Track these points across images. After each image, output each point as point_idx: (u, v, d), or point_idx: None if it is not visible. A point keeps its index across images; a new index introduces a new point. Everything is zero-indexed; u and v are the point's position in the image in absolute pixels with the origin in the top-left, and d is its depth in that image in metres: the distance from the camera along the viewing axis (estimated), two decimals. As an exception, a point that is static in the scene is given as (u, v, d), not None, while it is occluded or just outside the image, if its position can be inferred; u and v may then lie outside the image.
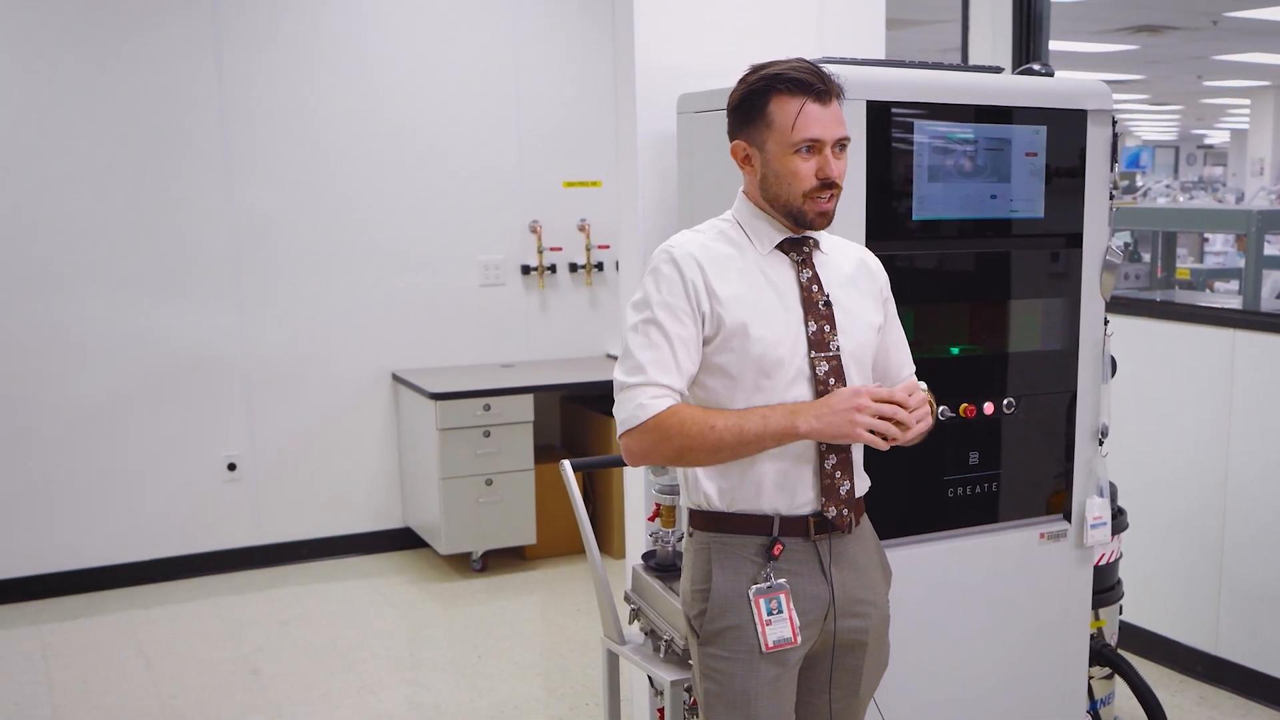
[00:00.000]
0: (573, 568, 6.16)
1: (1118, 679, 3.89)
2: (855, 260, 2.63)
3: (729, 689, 2.48)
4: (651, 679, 3.27)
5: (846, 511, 2.51)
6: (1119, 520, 3.75)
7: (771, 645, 2.45)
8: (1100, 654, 3.74)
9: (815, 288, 2.49)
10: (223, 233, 6.00)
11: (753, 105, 2.45)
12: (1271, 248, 10.03)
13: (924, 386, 2.55)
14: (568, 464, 3.40)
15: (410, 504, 6.46)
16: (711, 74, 3.47)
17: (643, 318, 2.45)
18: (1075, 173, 3.30)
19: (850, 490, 2.52)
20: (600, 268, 6.81)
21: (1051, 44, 5.50)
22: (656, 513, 3.33)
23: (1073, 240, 3.33)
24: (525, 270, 6.67)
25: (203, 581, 6.03)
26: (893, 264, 2.76)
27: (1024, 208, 3.22)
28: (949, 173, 3.10)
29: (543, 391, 6.25)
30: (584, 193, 6.72)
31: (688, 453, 2.40)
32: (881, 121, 2.99)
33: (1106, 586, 3.80)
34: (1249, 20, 11.29)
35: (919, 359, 2.77)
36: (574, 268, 6.77)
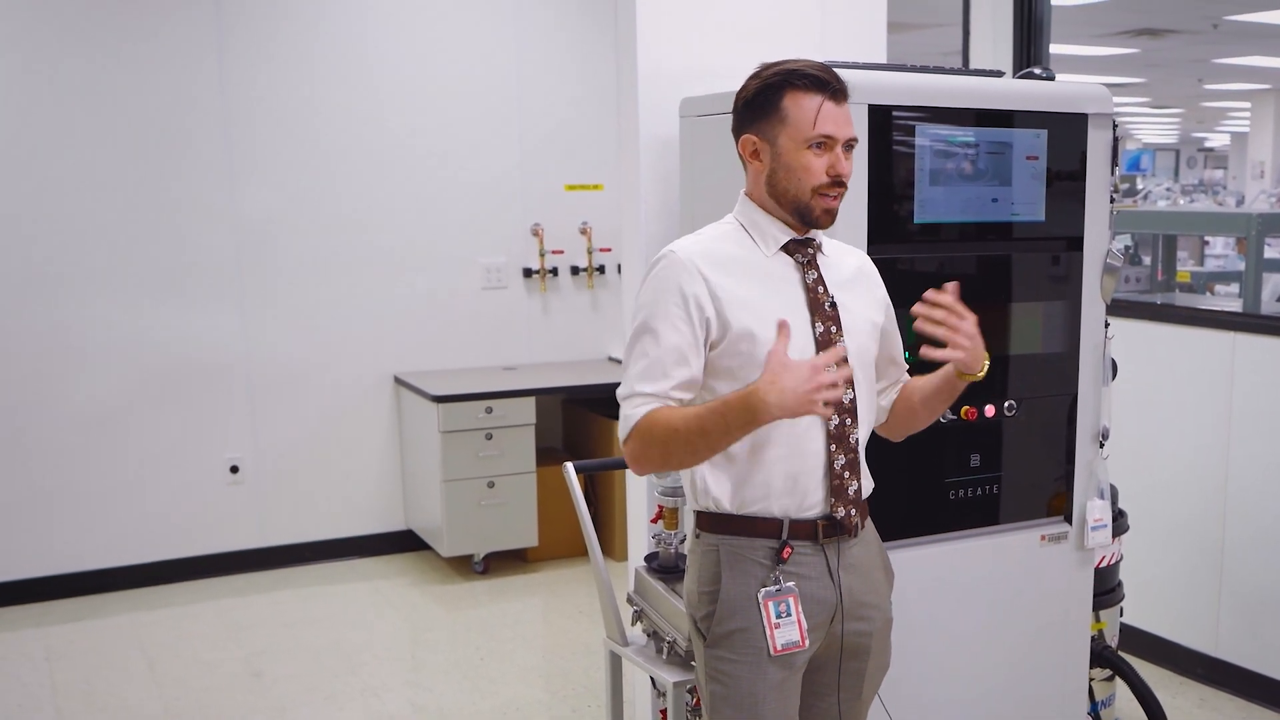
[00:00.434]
0: (574, 570, 6.17)
1: (1118, 681, 3.89)
2: (853, 262, 2.65)
3: (736, 691, 2.49)
4: (654, 680, 3.28)
5: (854, 512, 2.52)
6: (1120, 522, 3.75)
7: (780, 648, 2.45)
8: (1101, 656, 3.75)
9: (821, 289, 2.50)
10: (224, 235, 6.01)
11: (767, 100, 2.45)
12: (1272, 251, 10.04)
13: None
14: (571, 466, 3.41)
15: (412, 506, 6.47)
16: (714, 77, 3.49)
17: (639, 327, 2.46)
18: (1076, 176, 3.30)
19: (858, 491, 2.53)
20: (602, 271, 6.82)
21: (1052, 47, 5.51)
22: (659, 515, 3.33)
23: (1073, 243, 3.34)
24: (527, 273, 6.68)
25: (205, 584, 6.03)
26: (894, 267, 2.77)
27: (1025, 211, 3.23)
28: (950, 176, 3.10)
29: (544, 394, 6.26)
30: (585, 196, 6.73)
31: (670, 456, 2.42)
32: (883, 125, 2.99)
33: (1107, 588, 3.80)
34: (1249, 24, 11.29)
35: (920, 361, 2.78)
36: (575, 271, 6.78)
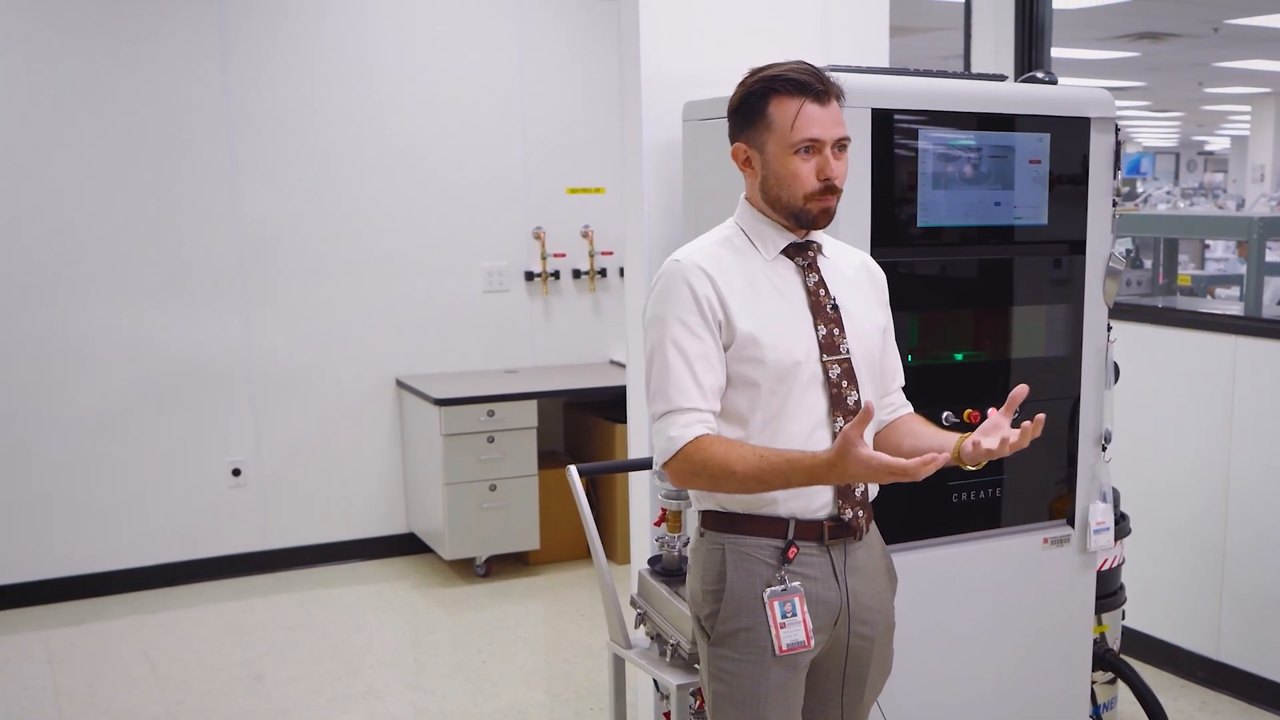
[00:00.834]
0: (576, 573, 6.18)
1: (1120, 684, 3.90)
2: (857, 264, 2.65)
3: (738, 691, 2.49)
4: (657, 683, 3.28)
5: (861, 514, 2.52)
6: (1122, 525, 3.76)
7: (785, 648, 2.45)
8: (1103, 659, 3.75)
9: (822, 291, 2.50)
10: (227, 239, 6.02)
11: (751, 107, 2.45)
12: (1272, 254, 10.04)
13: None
14: (574, 469, 3.41)
15: (414, 509, 6.47)
16: (716, 81, 3.48)
17: (658, 339, 2.44)
18: (1078, 180, 3.31)
19: (864, 493, 2.54)
20: (604, 274, 6.83)
21: (1054, 51, 5.52)
22: (662, 517, 3.33)
23: (1076, 247, 3.35)
24: (529, 276, 6.68)
25: (207, 587, 6.04)
26: (897, 271, 2.78)
27: (1027, 214, 3.24)
28: (953, 180, 3.11)
29: (546, 397, 6.27)
30: (587, 199, 6.74)
31: (719, 487, 2.43)
32: (886, 129, 3.00)
33: (1109, 591, 3.81)
34: (1250, 27, 11.29)
35: (924, 364, 2.79)
36: (577, 274, 6.79)
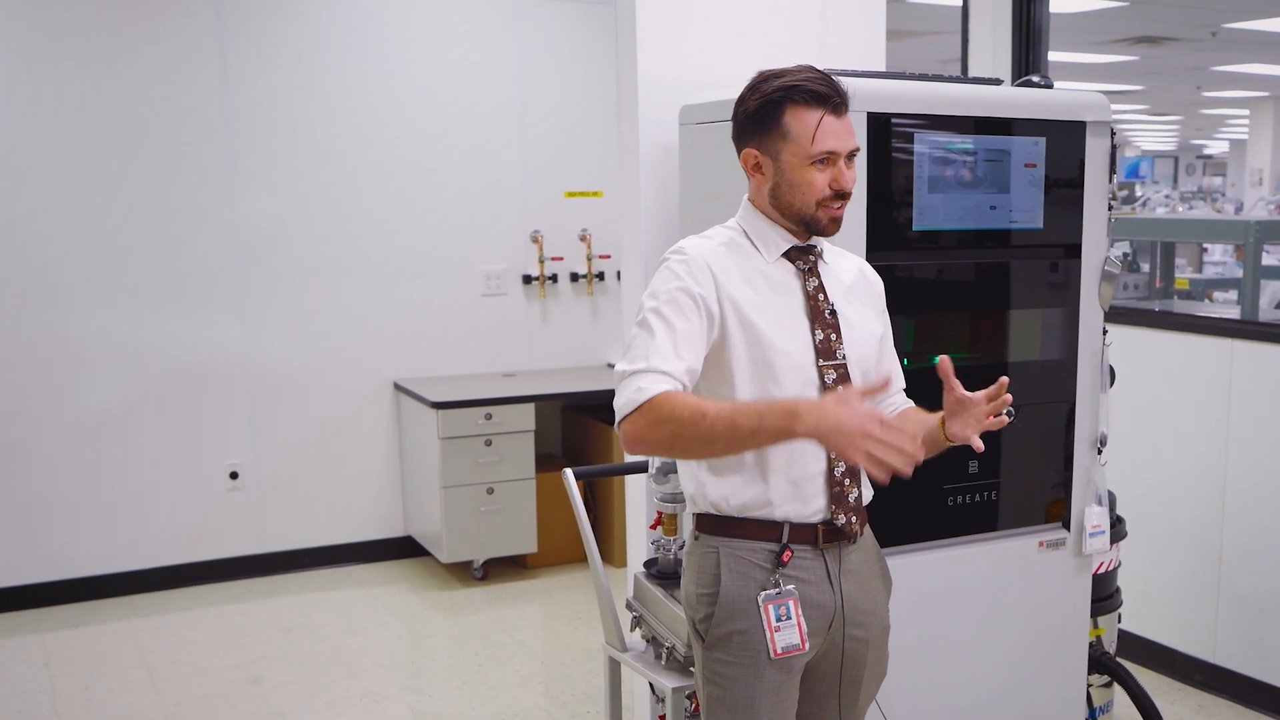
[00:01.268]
0: (573, 576, 6.18)
1: (1116, 687, 3.90)
2: (854, 270, 2.65)
3: (732, 694, 2.49)
4: (653, 686, 3.28)
5: (854, 519, 2.52)
6: (1118, 529, 3.76)
7: (780, 651, 2.45)
8: (1099, 662, 3.75)
9: (821, 296, 2.50)
10: (225, 242, 6.02)
11: (767, 115, 2.44)
12: (1270, 258, 10.06)
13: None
14: (570, 472, 3.41)
15: (412, 513, 6.47)
16: (713, 85, 3.50)
17: (649, 311, 2.42)
18: (1074, 183, 3.32)
19: (858, 498, 2.53)
20: (601, 277, 6.83)
21: (1051, 55, 5.53)
22: (658, 521, 3.34)
23: (1071, 250, 3.35)
24: (527, 280, 6.69)
25: (205, 590, 6.04)
26: (893, 274, 2.78)
27: (1023, 218, 3.24)
28: (949, 183, 3.12)
29: (544, 401, 6.27)
30: (585, 203, 6.75)
31: (679, 440, 2.27)
32: (882, 133, 3.01)
33: (1105, 595, 3.81)
34: (1248, 31, 11.30)
35: (919, 368, 2.79)
36: (575, 277, 6.80)
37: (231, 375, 6.10)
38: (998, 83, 3.42)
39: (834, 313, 2.50)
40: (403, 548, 6.54)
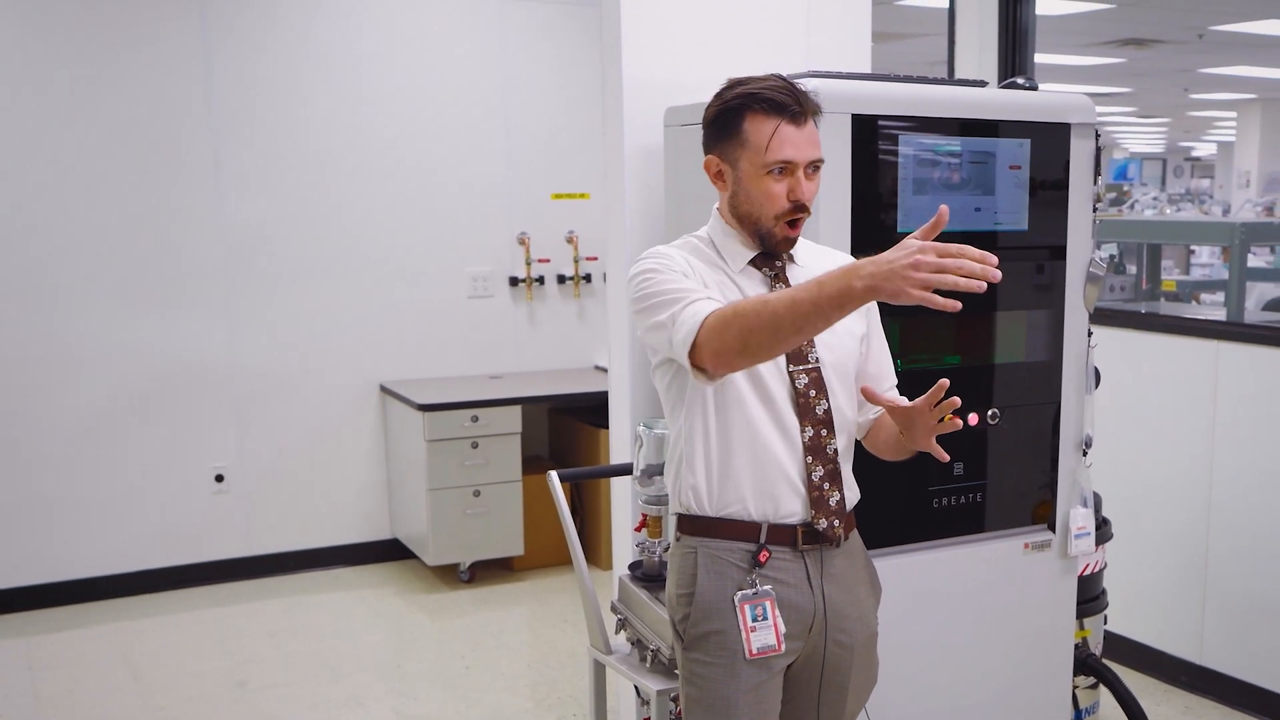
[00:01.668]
0: (560, 579, 6.17)
1: (1102, 688, 3.90)
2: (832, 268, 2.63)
3: (709, 694, 2.48)
4: (638, 689, 3.28)
5: (837, 523, 2.51)
6: (1103, 530, 3.77)
7: (755, 652, 2.44)
8: (1085, 663, 3.76)
9: None
10: (212, 244, 6.00)
11: (727, 122, 2.43)
12: (1257, 260, 10.07)
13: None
14: (555, 475, 3.40)
15: (398, 515, 6.46)
16: (698, 87, 3.46)
17: (650, 277, 2.41)
18: (1059, 185, 3.32)
19: (841, 501, 2.52)
20: (588, 280, 6.83)
21: (1038, 57, 5.53)
22: (643, 523, 3.33)
23: (1057, 252, 3.35)
24: (513, 282, 6.68)
25: (190, 593, 6.02)
26: (878, 276, 2.77)
27: (1008, 220, 3.24)
28: (934, 185, 3.12)
29: (530, 403, 6.26)
30: (572, 205, 6.74)
31: (750, 335, 2.19)
32: (866, 135, 3.01)
33: (1091, 596, 3.81)
34: (1234, 34, 11.33)
35: (906, 370, 2.79)
36: (562, 279, 6.79)
37: (217, 377, 6.07)
38: (982, 85, 3.42)
39: None
40: (389, 550, 6.52)
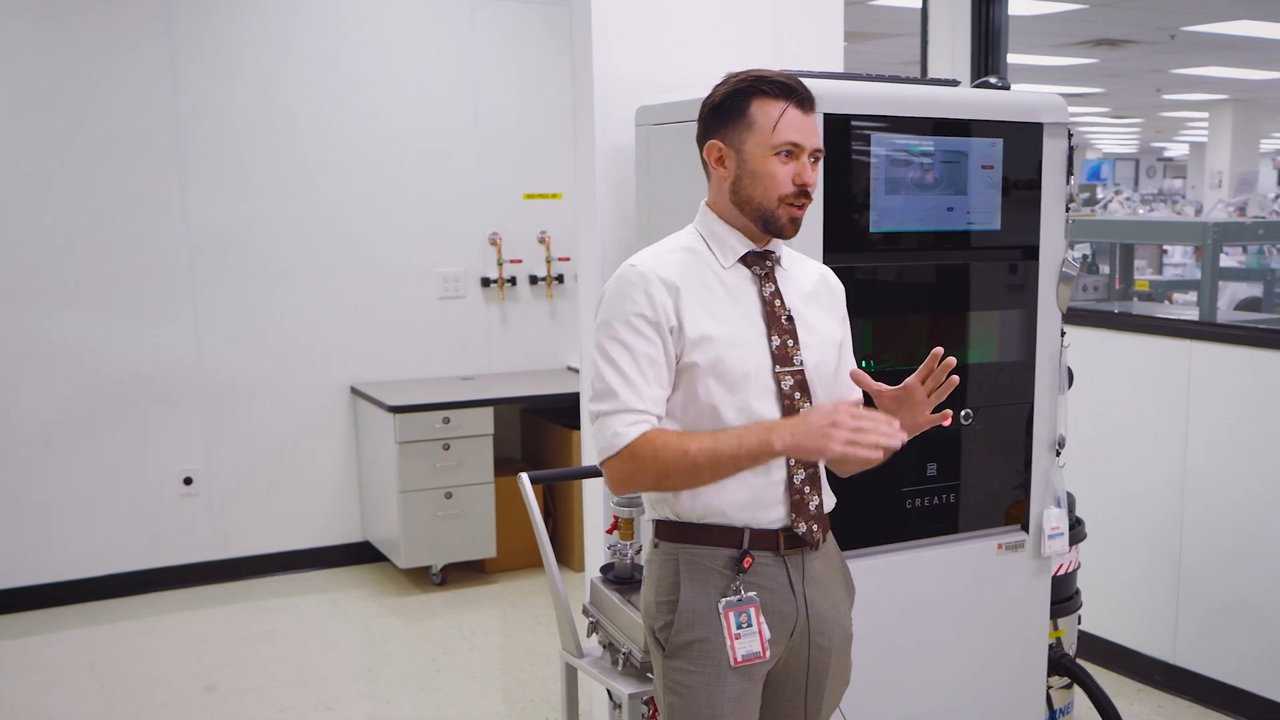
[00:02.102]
0: (533, 581, 6.14)
1: (1076, 688, 3.90)
2: (815, 276, 2.63)
3: (694, 703, 2.46)
4: (610, 693, 3.26)
5: (816, 527, 2.50)
6: (1077, 531, 3.76)
7: (740, 659, 2.43)
8: (1059, 663, 3.75)
9: (778, 302, 2.48)
10: (179, 245, 5.94)
11: (733, 105, 2.44)
12: (1229, 259, 10.13)
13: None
14: (525, 477, 3.38)
15: (369, 518, 6.42)
16: (669, 86, 3.48)
17: (608, 339, 2.41)
18: (1032, 185, 3.31)
19: (819, 506, 2.51)
20: (560, 280, 6.80)
21: (1011, 58, 5.54)
22: (614, 525, 3.31)
23: (1029, 252, 3.34)
24: (485, 283, 6.64)
25: (158, 597, 5.96)
26: (851, 276, 2.76)
27: (981, 220, 3.23)
28: (906, 185, 3.10)
29: (503, 404, 6.24)
30: (544, 205, 6.71)
31: (666, 479, 2.37)
32: (839, 134, 2.99)
33: (1065, 596, 3.81)
34: (1206, 35, 11.39)
35: (878, 371, 2.77)
36: (534, 280, 6.76)
37: (185, 379, 6.02)
38: (955, 84, 3.41)
39: (791, 318, 2.48)
40: (360, 553, 6.47)
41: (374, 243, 6.35)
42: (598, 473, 3.46)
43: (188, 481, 6.05)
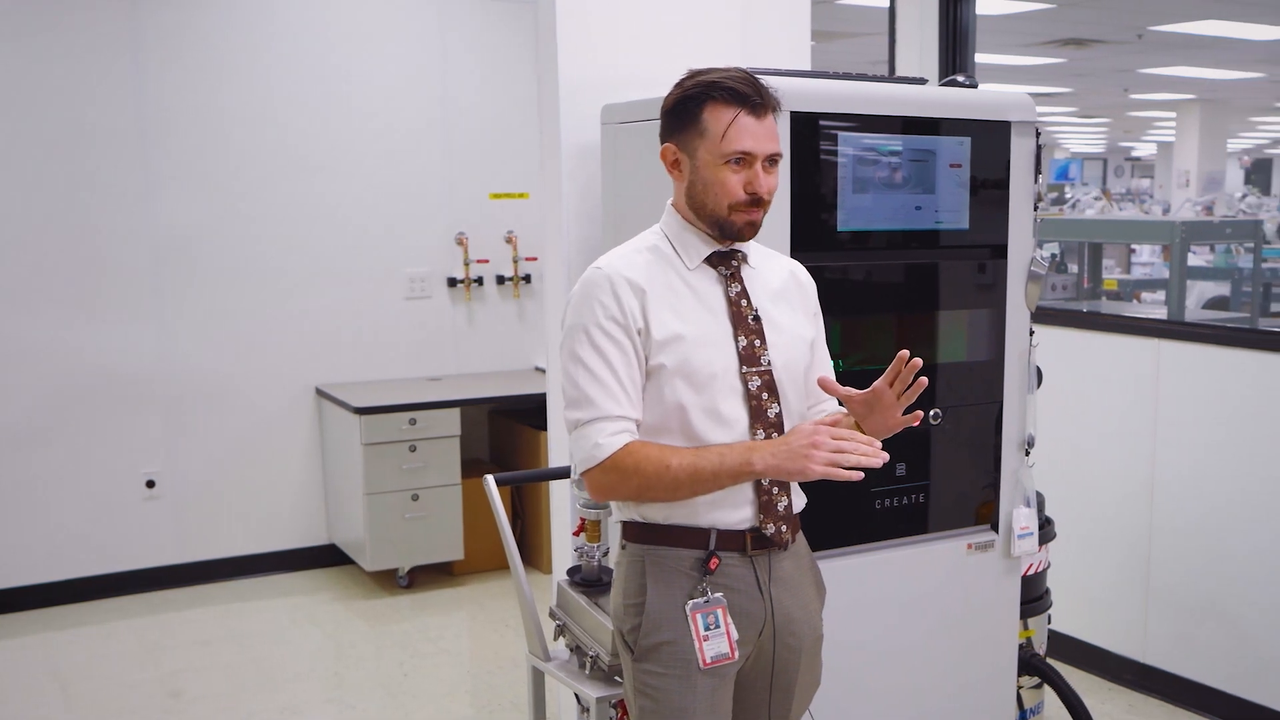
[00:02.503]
0: (501, 583, 6.10)
1: (1047, 688, 3.90)
2: (785, 273, 2.61)
3: (665, 705, 2.44)
4: (578, 696, 3.22)
5: (785, 528, 2.48)
6: (1046, 530, 3.76)
7: (709, 661, 2.41)
8: (1029, 663, 3.74)
9: (744, 302, 2.46)
10: (140, 245, 5.87)
11: (686, 110, 2.42)
12: (1197, 258, 10.18)
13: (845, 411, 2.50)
14: (491, 479, 3.36)
15: (335, 520, 6.36)
16: (635, 85, 3.45)
17: (580, 344, 2.39)
18: (1000, 184, 3.30)
19: (788, 507, 2.50)
20: (528, 280, 6.76)
21: (979, 57, 5.54)
22: (581, 527, 3.29)
23: (998, 251, 3.33)
24: (452, 283, 6.60)
25: (121, 602, 5.89)
26: (820, 276, 2.73)
27: (949, 219, 3.21)
28: (874, 184, 3.09)
29: (470, 405, 6.20)
30: (511, 205, 6.67)
31: (647, 491, 2.38)
32: (806, 132, 2.97)
33: (1035, 596, 3.81)
34: (1172, 34, 11.45)
35: (846, 371, 2.75)
36: (501, 280, 6.72)
37: (148, 381, 5.95)
38: (923, 82, 3.39)
39: (758, 318, 2.46)
40: (326, 556, 6.42)
41: (339, 242, 6.30)
42: (564, 474, 3.46)
43: (150, 484, 5.99)
